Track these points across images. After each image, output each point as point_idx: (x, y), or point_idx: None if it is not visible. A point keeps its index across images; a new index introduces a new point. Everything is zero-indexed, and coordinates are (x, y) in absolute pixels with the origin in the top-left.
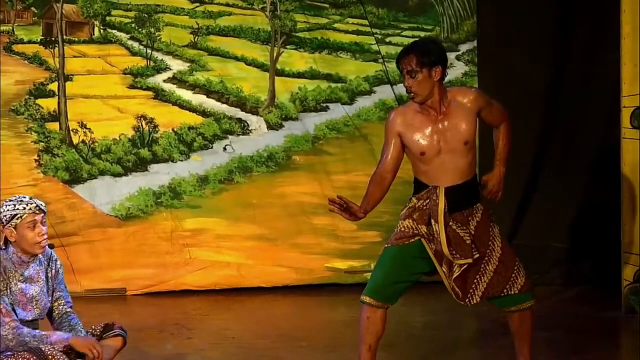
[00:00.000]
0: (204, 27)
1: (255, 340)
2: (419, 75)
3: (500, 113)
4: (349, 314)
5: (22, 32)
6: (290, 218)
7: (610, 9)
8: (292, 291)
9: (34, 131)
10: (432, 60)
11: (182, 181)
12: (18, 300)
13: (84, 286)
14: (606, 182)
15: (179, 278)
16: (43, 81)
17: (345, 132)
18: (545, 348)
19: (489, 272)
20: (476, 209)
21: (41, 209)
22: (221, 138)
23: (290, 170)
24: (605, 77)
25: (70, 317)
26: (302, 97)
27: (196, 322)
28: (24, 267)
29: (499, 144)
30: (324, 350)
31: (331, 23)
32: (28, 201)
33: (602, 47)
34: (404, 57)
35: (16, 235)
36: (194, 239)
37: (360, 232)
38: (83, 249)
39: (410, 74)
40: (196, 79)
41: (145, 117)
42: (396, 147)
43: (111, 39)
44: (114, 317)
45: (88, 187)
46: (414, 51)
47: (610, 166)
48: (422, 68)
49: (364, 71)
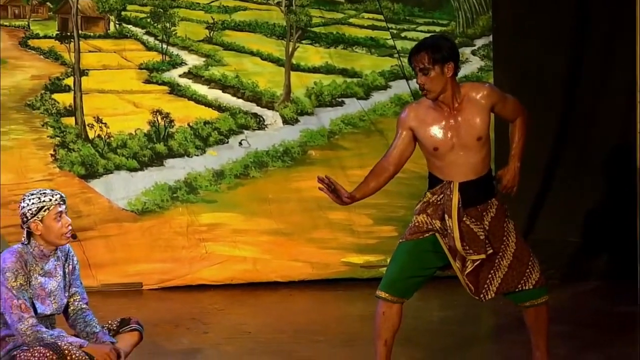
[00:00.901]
0: (219, 22)
1: (271, 335)
2: (432, 72)
3: (515, 108)
4: (366, 308)
5: (37, 27)
6: (306, 213)
7: (628, 3)
8: (308, 286)
9: (49, 126)
10: (444, 57)
11: (198, 176)
12: (37, 294)
13: (100, 281)
14: (622, 177)
15: (195, 273)
16: (59, 76)
17: (361, 127)
18: (562, 342)
19: (503, 267)
20: (491, 205)
21: (64, 199)
22: (237, 133)
23: (306, 165)
24: (623, 71)
25: (85, 313)
26: (317, 92)
27: (212, 316)
28: (44, 260)
29: (514, 139)
30: (340, 345)
31: (346, 18)
32: (51, 193)
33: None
34: (416, 55)
35: (42, 228)
36: (210, 233)
37: (376, 227)
38: (99, 244)
39: (423, 72)
40: (212, 73)
41: (161, 112)
42: (404, 141)
43: (127, 34)
44: (130, 312)
45: (104, 182)
46: (426, 48)
47: (626, 161)
48: (435, 65)
49: (380, 66)
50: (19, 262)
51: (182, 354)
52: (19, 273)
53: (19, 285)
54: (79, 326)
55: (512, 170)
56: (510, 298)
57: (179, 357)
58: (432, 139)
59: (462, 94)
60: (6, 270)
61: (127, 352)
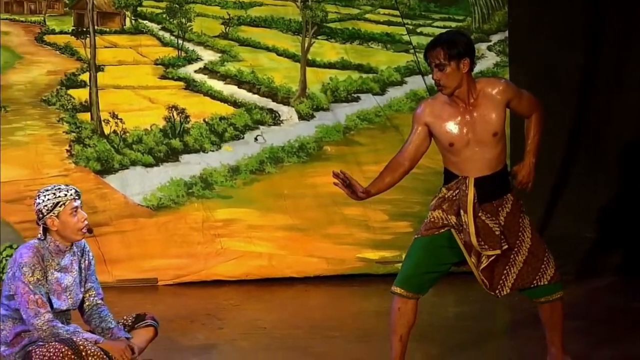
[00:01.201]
0: (235, 17)
1: (286, 331)
2: (447, 68)
3: (530, 103)
4: (381, 304)
5: (53, 23)
6: (321, 208)
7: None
8: (323, 281)
9: (65, 121)
10: (459, 53)
11: (214, 171)
12: (53, 290)
13: (115, 276)
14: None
15: (211, 268)
16: (74, 71)
17: (377, 122)
18: (577, 338)
19: (518, 263)
20: (506, 200)
21: (79, 194)
22: (252, 128)
23: (321, 160)
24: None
25: (100, 309)
26: (333, 87)
27: (227, 312)
28: (60, 256)
29: (529, 135)
30: (355, 340)
31: (362, 13)
32: (66, 188)
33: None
34: (432, 51)
35: (58, 224)
36: (226, 229)
37: (391, 223)
38: (115, 239)
39: (439, 67)
40: (227, 69)
41: (177, 108)
42: (420, 136)
43: (142, 30)
44: (146, 307)
45: (119, 178)
46: (442, 44)
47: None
48: (450, 61)
49: (395, 62)
50: (35, 257)
51: (198, 350)
52: (36, 268)
53: (36, 281)
54: (94, 322)
55: (528, 165)
56: (525, 294)
57: (194, 353)
58: (447, 135)
59: (477, 89)
60: (23, 265)
61: (142, 347)
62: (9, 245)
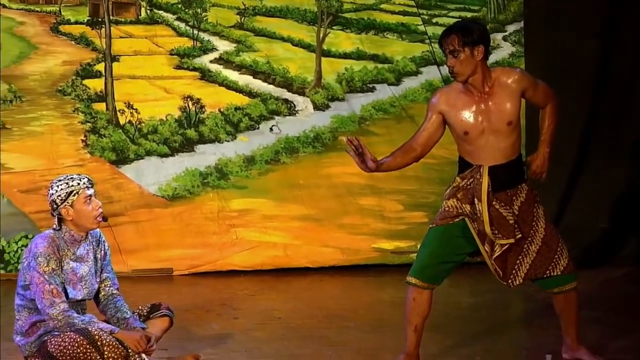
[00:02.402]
0: (250, 7)
1: (302, 321)
2: (461, 54)
3: (545, 93)
4: (396, 294)
5: (69, 13)
6: (336, 199)
7: None
8: (338, 271)
9: (80, 112)
10: (474, 40)
11: (229, 162)
12: (69, 279)
13: (130, 266)
14: None
15: (226, 258)
16: (90, 62)
17: (392, 112)
18: (592, 328)
19: (531, 253)
20: (520, 189)
21: (92, 182)
22: (267, 119)
23: (336, 150)
24: None
25: (116, 299)
26: (348, 77)
27: (243, 302)
28: (75, 246)
29: (544, 125)
30: (370, 330)
31: (377, 4)
32: (78, 177)
33: None
34: (446, 37)
35: (73, 213)
36: (241, 219)
37: (406, 213)
38: (130, 229)
39: (453, 54)
40: (243, 59)
41: (192, 98)
42: (434, 124)
43: (158, 20)
44: (161, 297)
45: (135, 168)
46: (456, 31)
47: None
48: (464, 47)
49: (411, 52)
50: (51, 247)
51: (213, 340)
52: (51, 258)
53: (51, 270)
54: (109, 312)
55: (542, 155)
56: (538, 284)
57: (210, 343)
58: (462, 123)
59: (492, 78)
60: (38, 255)
61: (157, 337)
62: (24, 235)
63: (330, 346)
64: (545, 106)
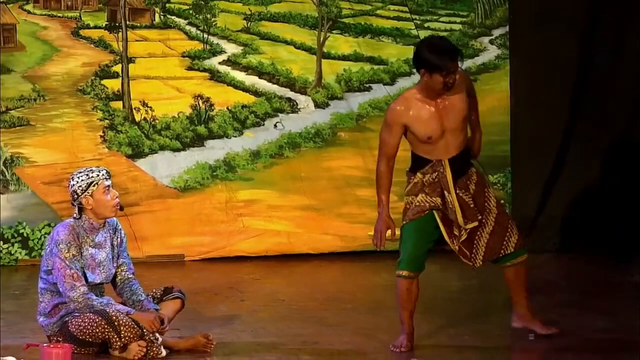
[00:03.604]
0: (256, 13)
1: (303, 303)
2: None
3: (477, 109)
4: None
5: (88, 18)
6: (336, 190)
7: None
8: (337, 257)
9: (99, 109)
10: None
11: (236, 156)
12: (88, 265)
13: (145, 252)
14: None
15: (233, 245)
16: (108, 63)
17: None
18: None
19: (485, 234)
20: (471, 173)
21: (110, 174)
22: (272, 116)
23: (336, 145)
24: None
25: (131, 282)
26: (346, 78)
27: (249, 285)
28: (94, 233)
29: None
30: (367, 312)
31: (374, 9)
32: (97, 169)
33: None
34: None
35: (93, 202)
36: (247, 209)
37: (400, 203)
38: (145, 218)
39: (454, 72)
40: (249, 61)
41: (202, 97)
42: (397, 136)
43: (170, 25)
44: (173, 281)
45: (149, 161)
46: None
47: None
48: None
49: (404, 54)
50: (71, 235)
51: (221, 320)
52: (72, 245)
53: (72, 256)
54: (125, 294)
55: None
56: (494, 262)
57: (218, 323)
58: (426, 130)
59: None
60: (59, 242)
61: (170, 318)
62: (47, 223)
63: (329, 326)
64: (475, 129)
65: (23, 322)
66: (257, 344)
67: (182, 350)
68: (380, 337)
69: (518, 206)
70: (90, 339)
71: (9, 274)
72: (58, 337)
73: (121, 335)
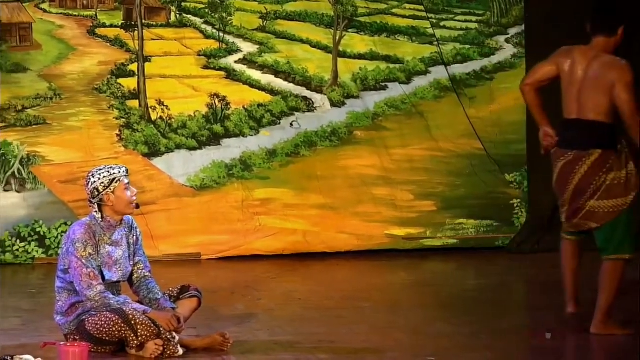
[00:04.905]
0: (272, 12)
1: (320, 301)
2: None
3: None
4: (406, 277)
5: (104, 17)
6: (352, 189)
7: None
8: (353, 256)
9: (115, 108)
10: None
11: (252, 154)
12: (105, 262)
13: (161, 251)
14: None
15: (250, 244)
16: (124, 62)
17: (403, 109)
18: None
19: None
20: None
21: (128, 171)
22: (288, 115)
23: (352, 144)
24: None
25: (148, 281)
26: (362, 77)
27: (265, 284)
28: (111, 231)
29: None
30: (383, 310)
31: (390, 8)
32: (117, 167)
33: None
34: None
35: (114, 199)
36: (264, 207)
37: (417, 202)
38: (161, 217)
39: None
40: (265, 60)
41: (218, 96)
42: None
43: (186, 23)
44: (190, 280)
45: (165, 160)
46: None
47: None
48: None
49: (420, 53)
50: (87, 234)
51: (238, 319)
52: (88, 244)
53: (88, 255)
54: (142, 293)
55: None
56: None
57: (235, 322)
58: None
59: None
60: (76, 241)
61: (186, 317)
62: (63, 222)
63: (345, 325)
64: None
65: (40, 320)
66: (274, 343)
67: (199, 349)
68: (397, 336)
69: (534, 205)
70: (107, 338)
71: (25, 273)
72: (75, 336)
73: (138, 334)
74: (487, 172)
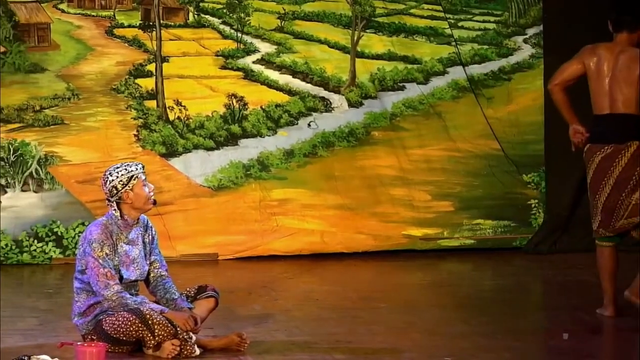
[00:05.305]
0: (290, 12)
1: (337, 302)
2: None
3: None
4: (424, 277)
5: (122, 17)
6: (369, 189)
7: None
8: (371, 256)
9: (133, 108)
10: None
11: (270, 155)
12: (123, 261)
13: (179, 251)
14: None
15: (267, 244)
16: (142, 62)
17: (421, 109)
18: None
19: None
20: None
21: (144, 167)
22: (306, 115)
23: (369, 144)
24: None
25: (165, 280)
26: (380, 77)
27: (282, 284)
28: (128, 229)
29: None
30: (400, 311)
31: (407, 9)
32: (134, 164)
33: None
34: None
35: (133, 196)
36: (281, 208)
37: (434, 202)
38: (178, 217)
39: None
40: (283, 60)
41: (236, 96)
42: None
43: (204, 24)
44: (207, 280)
45: (183, 160)
46: None
47: None
48: None
49: (438, 53)
50: (104, 234)
51: (255, 319)
52: (105, 244)
53: (105, 255)
54: (159, 293)
55: None
56: None
57: (252, 322)
58: None
59: None
60: (92, 241)
61: (203, 317)
62: (81, 222)
63: (363, 325)
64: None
65: (57, 320)
66: (291, 343)
67: (216, 349)
68: (414, 336)
69: (552, 205)
70: (124, 338)
71: (43, 273)
72: (92, 336)
73: (155, 334)
74: (505, 172)
